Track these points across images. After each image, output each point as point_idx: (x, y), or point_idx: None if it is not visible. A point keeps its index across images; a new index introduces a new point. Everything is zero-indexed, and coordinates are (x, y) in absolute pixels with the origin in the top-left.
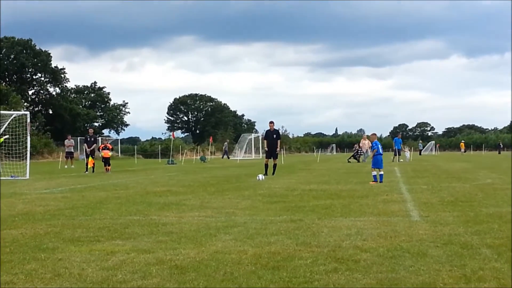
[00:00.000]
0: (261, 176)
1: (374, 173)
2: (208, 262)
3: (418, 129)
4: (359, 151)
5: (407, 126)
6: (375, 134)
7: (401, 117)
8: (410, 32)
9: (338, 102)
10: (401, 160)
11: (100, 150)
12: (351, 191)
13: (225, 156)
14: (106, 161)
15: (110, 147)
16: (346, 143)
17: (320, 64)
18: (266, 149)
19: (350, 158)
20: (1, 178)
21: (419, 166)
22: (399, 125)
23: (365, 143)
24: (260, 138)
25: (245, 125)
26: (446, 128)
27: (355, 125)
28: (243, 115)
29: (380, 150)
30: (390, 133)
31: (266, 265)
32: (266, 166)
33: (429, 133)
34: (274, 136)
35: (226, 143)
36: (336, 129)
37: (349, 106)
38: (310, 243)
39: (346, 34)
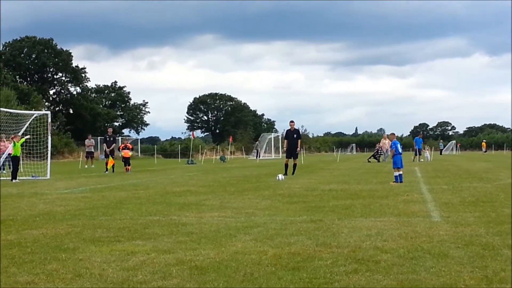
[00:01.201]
0: (281, 176)
1: (396, 173)
2: (228, 262)
3: (439, 128)
4: (379, 151)
5: (428, 126)
6: (393, 134)
7: (422, 116)
8: (432, 30)
9: (359, 101)
10: (422, 160)
11: (120, 149)
12: (371, 191)
13: (257, 156)
14: (126, 161)
15: (130, 146)
16: (366, 142)
17: (341, 63)
18: (286, 148)
19: (370, 157)
20: (22, 177)
21: (439, 166)
22: (420, 124)
23: (385, 143)
24: (280, 137)
25: (265, 125)
26: (467, 128)
27: (376, 124)
28: (263, 115)
29: (399, 150)
30: (410, 132)
31: (286, 265)
32: (286, 166)
33: (450, 133)
34: (295, 135)
35: (257, 143)
36: (356, 129)
37: (369, 105)
38: (330, 243)
39: (367, 32)
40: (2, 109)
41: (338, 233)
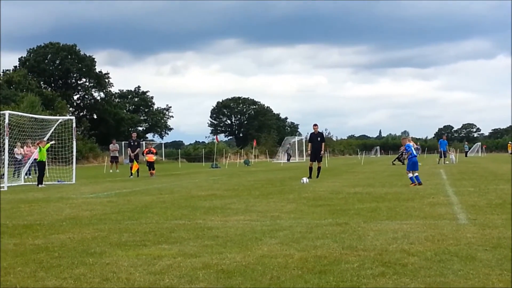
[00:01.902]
0: (305, 179)
1: (410, 175)
2: (255, 266)
3: (464, 130)
4: (403, 153)
5: (453, 128)
6: (406, 138)
7: (447, 118)
8: (455, 32)
9: (382, 104)
10: (447, 162)
11: (145, 154)
12: (397, 194)
13: (289, 159)
14: (151, 165)
15: (154, 151)
16: (390, 145)
17: (364, 66)
18: (310, 151)
19: (394, 160)
20: (48, 182)
21: (465, 168)
22: (444, 126)
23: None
24: (304, 141)
25: (288, 128)
26: (492, 129)
27: (400, 127)
28: (286, 118)
29: (414, 152)
30: (435, 134)
31: (313, 269)
32: (311, 169)
33: (475, 135)
34: (318, 139)
35: (288, 145)
36: (380, 131)
37: (393, 107)
38: (356, 246)
39: (391, 35)
40: (27, 114)
41: (364, 236)
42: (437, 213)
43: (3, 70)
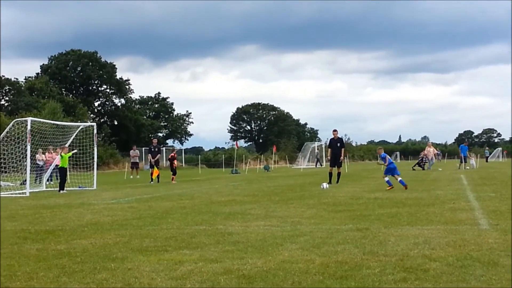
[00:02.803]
0: (325, 185)
1: (387, 178)
2: (276, 271)
3: (484, 135)
4: (423, 159)
5: (473, 133)
6: (381, 148)
7: (467, 123)
8: (475, 37)
9: (402, 109)
10: (468, 167)
11: (170, 159)
12: (417, 199)
13: (318, 164)
14: (174, 171)
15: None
16: (410, 150)
17: (383, 71)
18: (330, 157)
19: (415, 165)
20: (69, 188)
21: (486, 173)
22: (465, 131)
23: (430, 151)
24: (324, 146)
25: (308, 134)
26: None
27: (419, 132)
28: (306, 124)
29: (390, 160)
30: (455, 140)
31: (334, 274)
32: (330, 174)
33: (496, 140)
34: (338, 144)
35: (317, 151)
36: (400, 137)
37: (413, 113)
38: (377, 252)
39: (410, 40)
40: (49, 121)
41: (385, 241)
42: (458, 218)
43: (25, 77)
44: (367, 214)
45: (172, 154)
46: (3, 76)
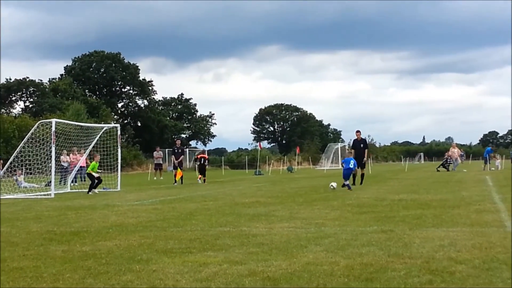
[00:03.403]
0: (334, 184)
1: (346, 182)
2: (301, 273)
3: (510, 136)
4: (448, 160)
5: (498, 133)
6: (351, 152)
7: (492, 124)
8: (501, 36)
9: (426, 110)
10: (492, 168)
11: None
12: (442, 200)
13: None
14: (202, 171)
15: (206, 157)
16: (434, 151)
17: (407, 71)
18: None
19: (439, 166)
20: (94, 190)
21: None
22: (489, 132)
23: (455, 151)
24: (347, 147)
25: (331, 135)
26: None
27: (444, 133)
28: (329, 125)
29: (350, 165)
30: (480, 140)
31: (359, 276)
32: (354, 175)
33: None
34: (361, 145)
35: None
36: (424, 137)
37: (437, 113)
38: (403, 254)
39: (434, 39)
40: (73, 122)
41: (410, 243)
42: (484, 220)
43: (49, 78)
44: (392, 216)
45: (202, 154)
46: (27, 77)
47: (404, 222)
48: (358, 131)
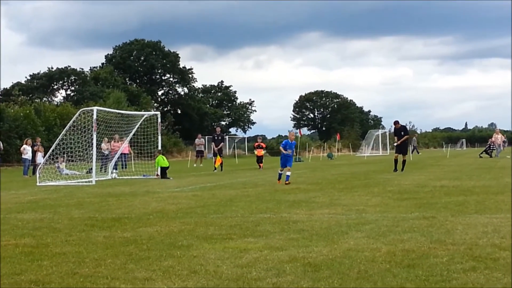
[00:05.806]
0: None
1: (280, 171)
2: (341, 259)
3: None
4: (491, 146)
5: None
6: (293, 134)
7: None
8: None
9: (469, 95)
10: None
11: (255, 147)
12: (485, 187)
13: (415, 151)
14: (260, 159)
15: (264, 145)
16: (477, 137)
17: (450, 57)
18: (396, 144)
19: (482, 153)
20: (134, 177)
21: None
22: None
23: (498, 137)
24: (388, 134)
25: (372, 121)
26: None
27: (487, 119)
28: (369, 111)
29: (288, 153)
30: None
31: (401, 263)
32: (396, 161)
33: None
34: (402, 133)
35: (414, 138)
36: (466, 123)
37: (480, 99)
38: (445, 240)
39: (477, 24)
40: (114, 110)
41: (453, 230)
42: None
43: (90, 67)
44: (434, 202)
45: (259, 143)
46: (69, 66)
47: (446, 208)
48: (396, 123)
